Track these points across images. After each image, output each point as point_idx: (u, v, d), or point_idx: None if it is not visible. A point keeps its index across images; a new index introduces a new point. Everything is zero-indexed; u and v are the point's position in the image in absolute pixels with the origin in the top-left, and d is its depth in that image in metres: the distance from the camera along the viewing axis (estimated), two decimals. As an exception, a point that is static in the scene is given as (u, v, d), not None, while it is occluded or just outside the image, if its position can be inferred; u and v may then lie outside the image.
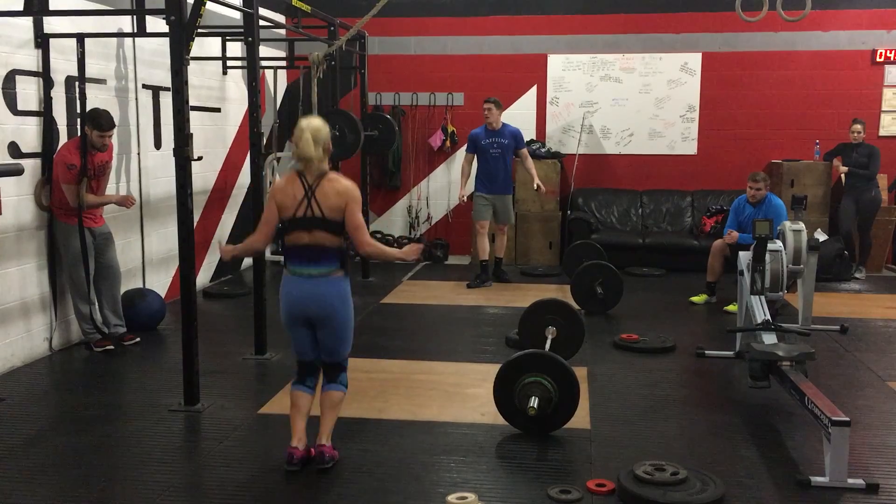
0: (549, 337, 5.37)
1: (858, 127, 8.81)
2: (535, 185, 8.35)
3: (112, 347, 5.85)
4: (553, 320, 5.46)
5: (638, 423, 4.55)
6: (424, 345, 6.25)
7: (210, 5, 5.12)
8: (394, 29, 9.92)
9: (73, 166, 5.56)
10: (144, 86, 6.88)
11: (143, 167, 6.88)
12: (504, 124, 8.32)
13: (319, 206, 3.76)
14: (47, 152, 5.67)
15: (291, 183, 3.83)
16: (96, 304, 5.93)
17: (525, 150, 8.50)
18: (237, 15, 8.09)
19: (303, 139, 3.76)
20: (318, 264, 3.80)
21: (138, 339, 6.07)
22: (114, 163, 6.11)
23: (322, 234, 3.78)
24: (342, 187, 3.80)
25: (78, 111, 5.94)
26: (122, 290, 6.20)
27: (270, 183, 7.82)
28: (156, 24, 6.30)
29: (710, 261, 7.58)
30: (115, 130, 5.82)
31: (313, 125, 3.83)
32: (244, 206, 8.82)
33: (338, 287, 3.84)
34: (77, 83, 5.78)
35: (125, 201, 6.02)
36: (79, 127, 5.73)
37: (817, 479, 3.70)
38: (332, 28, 7.81)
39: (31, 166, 5.53)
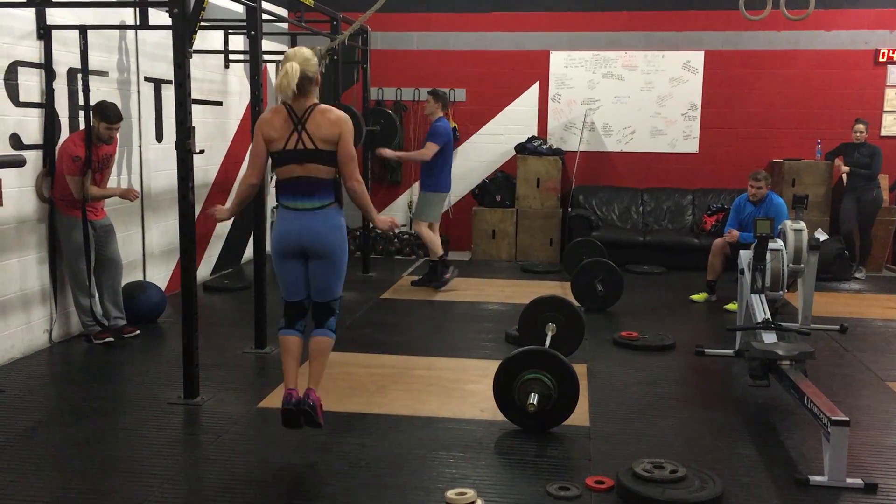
0: (549, 334, 5.38)
1: (861, 127, 8.80)
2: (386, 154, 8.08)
3: (112, 340, 5.85)
4: (553, 317, 5.46)
5: (637, 421, 4.55)
6: (424, 340, 6.25)
7: (213, -2, 5.11)
8: (396, 24, 9.91)
9: (78, 158, 5.56)
10: (146, 78, 6.87)
11: (144, 160, 6.88)
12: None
13: (311, 137, 3.69)
14: (49, 144, 5.67)
15: (278, 114, 3.75)
16: (97, 296, 5.93)
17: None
18: (240, 8, 8.07)
19: (292, 71, 3.67)
20: (312, 197, 3.74)
21: (138, 332, 6.07)
22: (116, 156, 6.11)
23: (315, 167, 3.72)
24: (335, 117, 3.74)
25: (81, 103, 5.94)
26: (123, 282, 6.20)
27: (272, 178, 7.80)
28: (158, 16, 6.30)
29: (711, 259, 7.58)
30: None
31: (302, 54, 3.74)
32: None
33: (333, 219, 3.80)
34: (80, 75, 5.77)
35: (128, 194, 6.02)
36: (82, 119, 5.72)
37: (816, 479, 3.71)
38: (335, 22, 7.81)
39: (33, 158, 5.53)
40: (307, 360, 4.06)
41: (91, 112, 5.66)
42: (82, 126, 5.92)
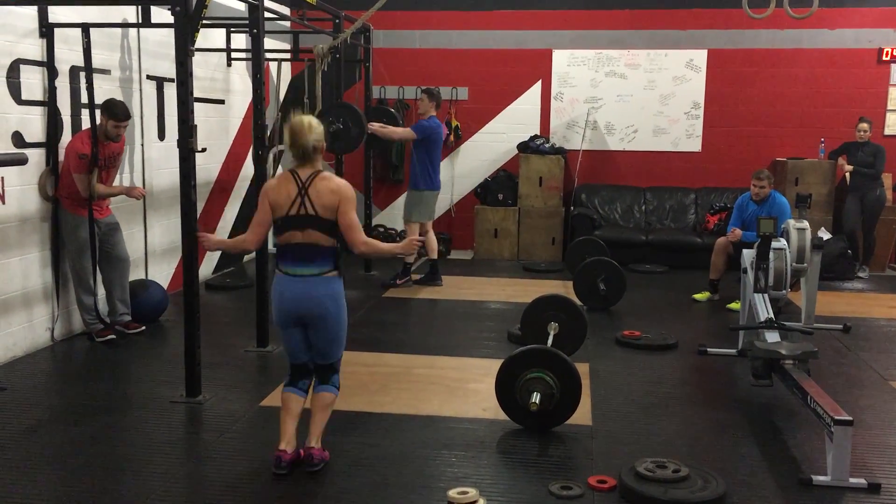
0: (552, 333, 5.37)
1: (865, 126, 8.78)
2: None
3: (114, 337, 5.85)
4: (555, 316, 5.45)
5: (640, 420, 4.54)
6: (426, 339, 6.24)
7: (215, -4, 5.10)
8: (399, 22, 9.90)
9: (85, 156, 5.57)
10: (148, 76, 6.87)
11: (146, 158, 6.88)
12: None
13: (313, 204, 3.71)
14: (52, 142, 5.67)
15: (285, 181, 3.78)
16: (103, 293, 5.94)
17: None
18: (242, 6, 8.07)
19: (300, 134, 3.73)
20: (312, 264, 3.75)
21: (143, 328, 6.08)
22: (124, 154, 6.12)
23: (315, 234, 3.73)
24: (335, 185, 3.75)
25: (84, 101, 5.94)
26: (125, 281, 6.20)
27: (273, 174, 7.80)
28: (161, 14, 6.29)
29: (714, 258, 7.57)
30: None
31: (310, 122, 3.79)
32: (247, 198, 8.81)
33: (331, 287, 3.79)
34: (84, 74, 5.76)
35: (133, 192, 6.03)
36: (88, 117, 5.72)
37: (819, 478, 3.70)
38: (338, 21, 7.80)
39: (35, 156, 5.52)
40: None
41: (99, 110, 5.66)
42: (85, 124, 5.93)
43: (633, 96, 9.87)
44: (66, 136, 5.83)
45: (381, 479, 3.72)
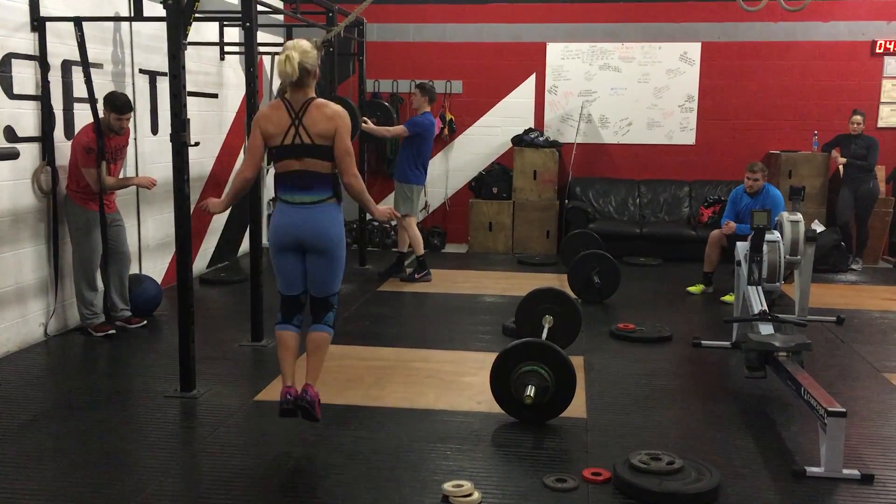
0: (546, 326, 5.37)
1: (858, 118, 8.79)
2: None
3: (113, 332, 5.85)
4: (550, 309, 5.46)
5: (634, 413, 4.55)
6: (421, 333, 6.24)
7: (208, -10, 5.08)
8: (392, 15, 9.88)
9: (92, 150, 5.57)
10: (141, 70, 6.84)
11: (139, 152, 6.85)
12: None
13: (308, 132, 3.67)
14: (47, 137, 5.65)
15: (276, 110, 3.73)
16: (103, 288, 5.93)
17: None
18: (235, 0, 8.05)
19: (290, 60, 3.66)
20: (310, 191, 3.73)
21: (145, 322, 6.08)
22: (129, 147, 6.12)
23: (312, 161, 3.70)
24: (331, 112, 3.72)
25: (77, 96, 5.92)
26: (119, 275, 6.20)
27: (267, 171, 7.79)
28: (153, 8, 6.28)
29: (708, 251, 7.58)
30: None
31: (301, 46, 3.72)
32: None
33: (331, 214, 3.78)
34: (82, 67, 5.73)
35: (146, 182, 6.04)
36: (90, 111, 5.70)
37: (813, 470, 3.71)
38: (331, 14, 7.77)
39: (27, 151, 5.50)
40: (304, 354, 4.05)
41: (101, 104, 5.66)
42: (79, 118, 5.92)
43: (628, 89, 9.87)
44: (59, 131, 5.80)
45: (375, 472, 3.72)
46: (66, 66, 5.87)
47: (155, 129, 7.09)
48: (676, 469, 3.57)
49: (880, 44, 9.38)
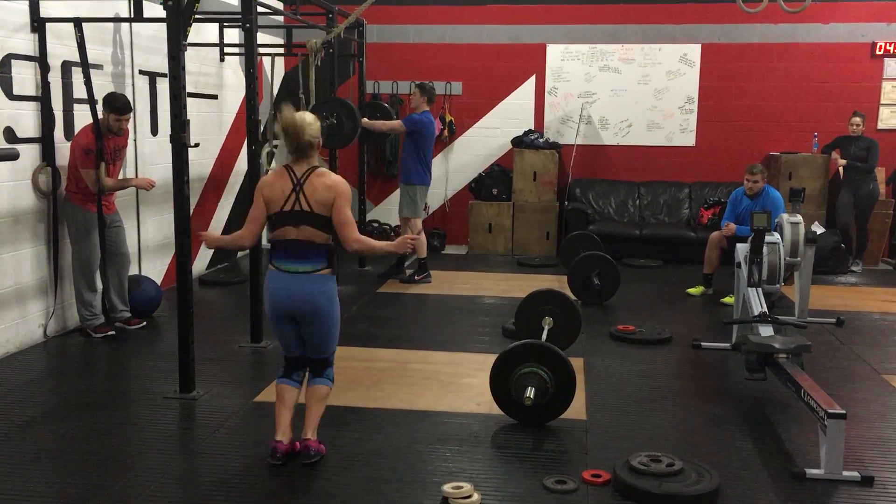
0: (546, 327, 5.37)
1: (858, 120, 8.79)
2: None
3: (113, 333, 5.85)
4: (550, 311, 5.46)
5: (634, 414, 4.55)
6: (420, 334, 6.24)
7: (208, -9, 5.08)
8: (392, 17, 9.88)
9: (91, 151, 5.57)
10: (141, 71, 6.84)
11: (139, 153, 6.85)
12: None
13: (307, 199, 3.68)
14: (47, 138, 5.65)
15: (280, 177, 3.75)
16: (102, 289, 5.93)
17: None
18: (235, 1, 8.05)
19: (295, 131, 3.71)
20: (305, 261, 3.73)
21: (144, 323, 6.08)
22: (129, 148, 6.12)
23: (310, 230, 3.71)
24: (331, 181, 3.72)
25: (77, 97, 5.92)
26: (118, 276, 6.19)
27: (267, 171, 7.78)
28: (153, 9, 6.28)
29: (707, 252, 7.58)
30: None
31: (304, 118, 3.77)
32: (241, 193, 8.79)
33: (324, 285, 3.77)
34: (81, 68, 5.73)
35: (146, 183, 6.04)
36: (89, 112, 5.70)
37: (812, 472, 3.71)
38: (331, 15, 7.77)
39: (27, 152, 5.50)
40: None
41: (101, 104, 5.66)
42: (79, 119, 5.92)
43: (627, 91, 9.87)
44: (59, 132, 5.80)
45: (375, 473, 3.72)
46: (66, 66, 5.87)
47: (154, 130, 7.09)
48: (676, 471, 3.57)
49: (880, 45, 9.38)
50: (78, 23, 5.68)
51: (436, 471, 3.76)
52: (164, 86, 6.97)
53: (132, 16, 6.06)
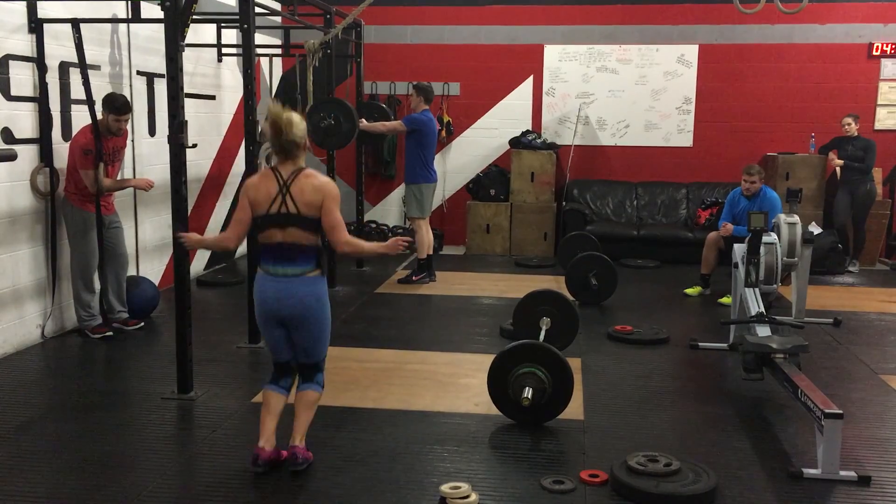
0: (544, 328, 5.38)
1: (849, 120, 8.83)
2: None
3: (110, 334, 5.85)
4: (547, 311, 5.46)
5: (631, 415, 4.55)
6: (418, 334, 6.24)
7: (205, -9, 5.09)
8: (390, 17, 9.89)
9: (90, 151, 5.57)
10: (139, 72, 6.84)
11: (137, 154, 6.85)
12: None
13: (294, 202, 3.63)
14: (45, 139, 5.65)
15: (265, 178, 3.70)
16: (100, 290, 5.93)
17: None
18: (232, 2, 8.06)
19: (280, 126, 3.64)
20: (293, 264, 3.68)
21: (142, 324, 6.08)
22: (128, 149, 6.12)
23: (297, 232, 3.65)
24: (319, 183, 3.67)
25: (74, 98, 5.92)
26: (116, 277, 6.19)
27: (262, 166, 7.77)
28: (150, 10, 6.27)
29: (705, 253, 7.59)
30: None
31: (290, 117, 3.69)
32: (238, 194, 8.78)
33: (313, 287, 3.72)
34: (79, 69, 5.73)
35: (144, 184, 6.04)
36: (88, 112, 5.70)
37: (809, 471, 3.72)
38: (329, 16, 7.77)
39: (27, 153, 5.50)
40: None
41: (100, 105, 5.67)
42: (76, 120, 5.92)
43: (625, 91, 9.88)
44: (57, 133, 5.80)
45: (372, 474, 3.72)
46: (64, 67, 5.87)
47: (152, 131, 7.09)
48: (674, 471, 3.58)
49: (877, 46, 9.40)
50: (76, 23, 5.67)
51: (434, 471, 3.77)
52: (161, 86, 6.96)
53: (130, 16, 6.05)
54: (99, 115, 5.68)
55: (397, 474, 3.73)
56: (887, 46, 9.38)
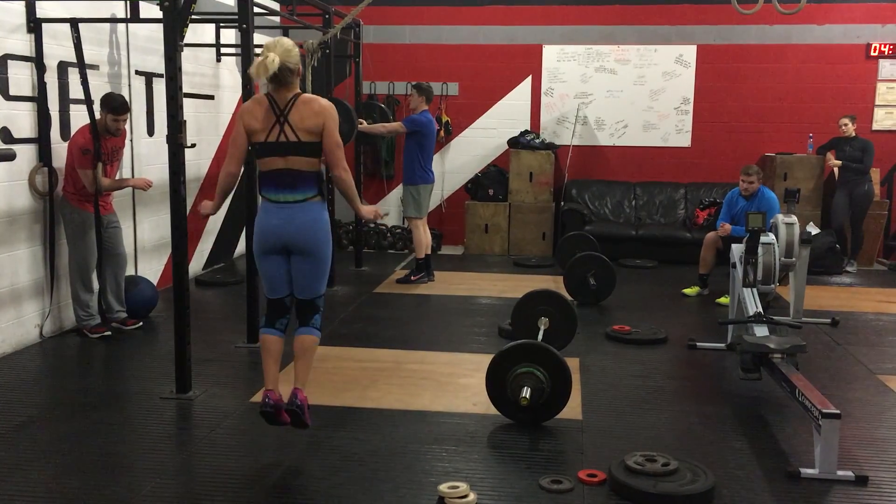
0: (542, 328, 5.38)
1: (846, 120, 8.86)
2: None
3: (109, 333, 5.85)
4: (546, 311, 5.47)
5: (629, 414, 4.56)
6: (417, 334, 6.25)
7: (204, -9, 5.09)
8: (389, 17, 9.89)
9: (88, 151, 5.57)
10: (137, 72, 6.84)
11: (136, 154, 6.85)
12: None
13: (294, 129, 3.60)
14: (42, 138, 5.65)
15: (260, 105, 3.66)
16: (99, 290, 5.93)
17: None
18: (231, 1, 8.06)
19: (271, 59, 3.56)
20: (295, 190, 3.65)
21: (141, 324, 6.08)
22: (126, 149, 6.11)
23: (297, 159, 3.63)
24: (319, 107, 3.64)
25: (73, 97, 5.92)
26: (115, 277, 6.19)
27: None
28: (149, 9, 6.26)
29: (703, 253, 7.60)
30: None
31: (283, 45, 3.63)
32: (237, 194, 8.76)
33: (316, 213, 3.71)
34: (78, 69, 5.73)
35: (142, 184, 6.04)
36: (86, 112, 5.70)
37: (807, 471, 3.72)
38: (327, 16, 7.78)
39: (25, 152, 5.50)
40: (290, 353, 4.03)
41: (98, 104, 5.67)
42: (75, 119, 5.92)
43: (623, 92, 9.89)
44: (55, 132, 5.80)
45: (371, 473, 3.73)
46: (63, 67, 5.87)
47: (151, 131, 7.09)
48: (671, 470, 3.58)
49: (875, 47, 9.41)
50: (74, 23, 5.68)
51: (432, 471, 3.77)
52: (160, 86, 6.95)
53: (129, 16, 6.05)
54: (97, 115, 5.69)
55: (396, 474, 3.73)
56: (885, 47, 9.40)
